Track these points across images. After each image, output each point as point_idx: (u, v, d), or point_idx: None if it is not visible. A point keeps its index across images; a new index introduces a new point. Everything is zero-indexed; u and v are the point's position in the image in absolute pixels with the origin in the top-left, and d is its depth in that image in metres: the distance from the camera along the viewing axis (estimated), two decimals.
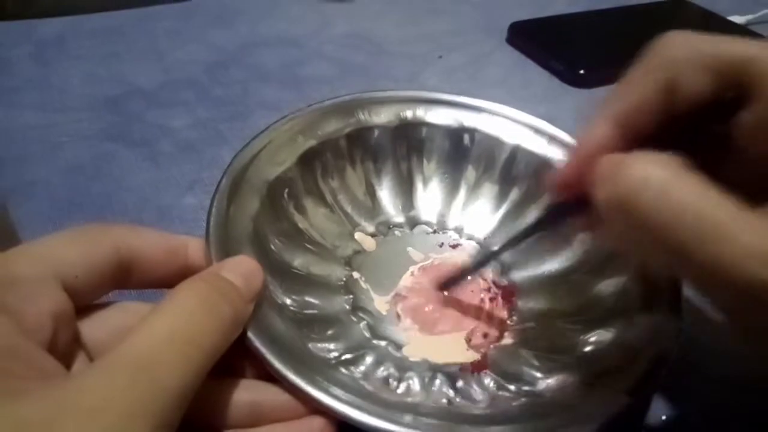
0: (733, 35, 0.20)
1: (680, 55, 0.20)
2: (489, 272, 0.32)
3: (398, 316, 0.29)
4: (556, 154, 0.33)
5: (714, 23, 0.63)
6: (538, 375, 0.26)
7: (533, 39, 0.56)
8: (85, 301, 0.21)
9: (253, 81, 0.48)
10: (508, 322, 0.29)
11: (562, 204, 0.24)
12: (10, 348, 0.17)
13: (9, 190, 0.35)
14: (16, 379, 0.16)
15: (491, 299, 0.31)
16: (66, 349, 0.19)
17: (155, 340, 0.17)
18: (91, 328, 0.20)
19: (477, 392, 0.26)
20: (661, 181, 0.17)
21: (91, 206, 0.35)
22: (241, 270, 0.22)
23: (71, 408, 0.15)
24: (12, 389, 0.15)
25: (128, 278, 0.22)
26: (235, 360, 0.22)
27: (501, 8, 0.62)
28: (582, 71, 0.51)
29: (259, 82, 0.48)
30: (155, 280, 0.23)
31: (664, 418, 0.27)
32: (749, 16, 0.64)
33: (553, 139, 0.33)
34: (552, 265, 0.31)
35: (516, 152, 0.34)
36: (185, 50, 0.51)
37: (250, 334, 0.22)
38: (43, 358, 0.17)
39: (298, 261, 0.29)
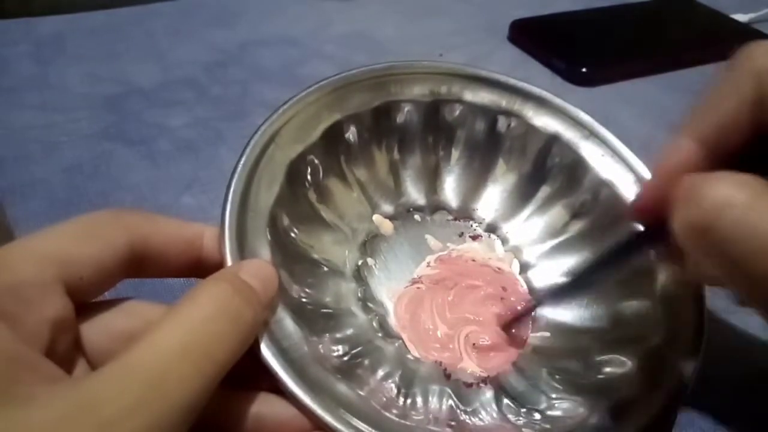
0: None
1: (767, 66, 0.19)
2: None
3: (401, 318, 0.28)
4: (592, 151, 0.31)
5: (717, 21, 0.62)
6: (552, 395, 0.25)
7: (535, 37, 0.56)
8: (89, 298, 0.20)
9: (253, 81, 0.48)
10: (527, 338, 0.28)
11: (641, 233, 0.23)
12: (13, 354, 0.16)
13: (7, 189, 0.35)
14: (23, 385, 0.15)
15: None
16: (65, 354, 0.19)
17: (168, 351, 0.17)
18: (93, 332, 0.20)
19: (485, 414, 0.25)
20: (744, 203, 0.16)
21: (89, 205, 0.35)
22: (260, 274, 0.21)
23: (79, 418, 0.15)
24: (19, 395, 0.15)
25: (140, 269, 0.21)
26: (244, 366, 0.21)
27: (502, 6, 0.62)
28: (584, 69, 0.51)
29: (258, 81, 0.48)
30: (168, 271, 0.22)
31: None
32: (752, 14, 0.64)
33: (592, 133, 0.31)
34: (576, 272, 0.29)
35: (552, 143, 0.32)
36: (185, 49, 0.51)
37: (262, 345, 0.21)
38: (45, 363, 0.17)
39: (314, 245, 0.28)
